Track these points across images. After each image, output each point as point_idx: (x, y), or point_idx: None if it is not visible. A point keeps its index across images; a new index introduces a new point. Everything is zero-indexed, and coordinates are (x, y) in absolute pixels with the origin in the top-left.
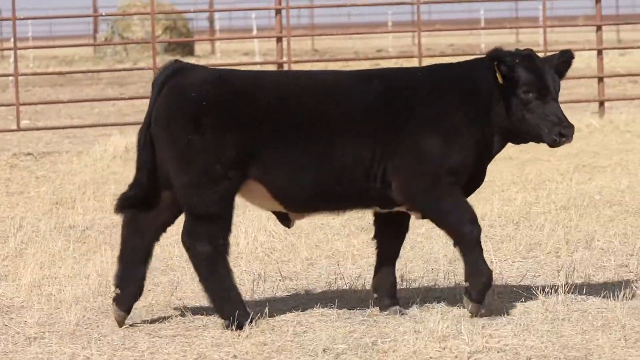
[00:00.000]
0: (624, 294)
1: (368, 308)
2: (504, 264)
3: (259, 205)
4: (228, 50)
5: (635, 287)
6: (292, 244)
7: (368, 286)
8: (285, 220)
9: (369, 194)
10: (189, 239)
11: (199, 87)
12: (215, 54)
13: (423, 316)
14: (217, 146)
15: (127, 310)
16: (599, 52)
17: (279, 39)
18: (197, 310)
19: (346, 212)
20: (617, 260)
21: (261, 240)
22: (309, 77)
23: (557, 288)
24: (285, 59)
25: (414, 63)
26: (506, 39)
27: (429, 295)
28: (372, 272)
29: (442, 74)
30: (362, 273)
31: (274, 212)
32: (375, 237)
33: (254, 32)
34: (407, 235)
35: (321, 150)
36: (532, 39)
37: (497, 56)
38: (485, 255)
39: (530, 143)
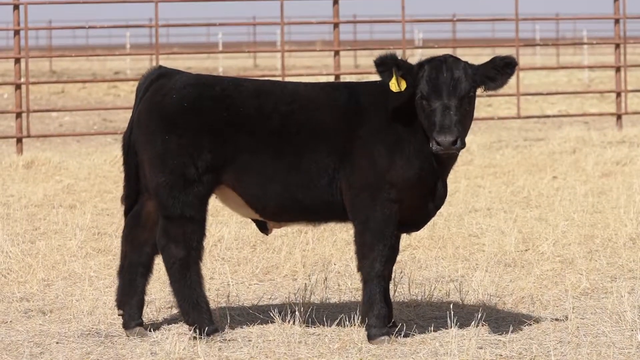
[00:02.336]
0: (360, 317)
1: (105, 329)
2: (241, 287)
3: (236, 211)
4: None
5: None
6: (29, 264)
7: (106, 308)
8: (264, 228)
9: (336, 206)
10: (164, 241)
11: (181, 89)
12: None
13: (160, 338)
14: (194, 149)
15: (139, 324)
16: (337, 77)
17: (17, 60)
18: None
19: (323, 224)
20: (353, 284)
21: None
22: (284, 87)
23: (294, 311)
24: (23, 79)
25: None
26: (244, 63)
27: (167, 316)
28: (110, 293)
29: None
30: (100, 295)
31: (253, 220)
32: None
33: None
34: None
35: (291, 159)
36: (271, 63)
37: (393, 61)
38: (222, 278)
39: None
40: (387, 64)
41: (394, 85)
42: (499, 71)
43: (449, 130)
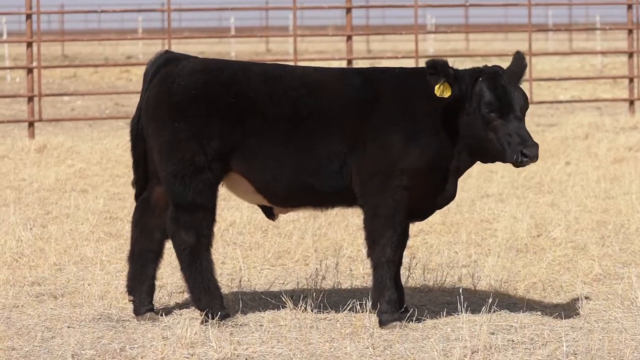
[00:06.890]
0: (371, 303)
1: (117, 314)
2: (253, 272)
3: (243, 198)
4: None
5: None
6: (41, 249)
7: (117, 292)
8: (270, 214)
9: (345, 191)
10: (174, 228)
11: (188, 76)
12: None
13: (171, 322)
14: (203, 136)
15: (150, 310)
16: (349, 62)
17: (29, 44)
18: None
19: (330, 209)
20: (365, 269)
21: (10, 245)
22: (294, 71)
23: (306, 296)
24: (35, 63)
25: None
26: (256, 48)
27: (179, 301)
28: (121, 277)
29: (414, 77)
30: (111, 279)
31: (259, 206)
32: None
33: (4, 37)
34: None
35: (301, 144)
36: (283, 48)
37: (443, 68)
38: (234, 262)
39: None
40: (438, 70)
41: (438, 91)
42: (523, 71)
43: (534, 143)
